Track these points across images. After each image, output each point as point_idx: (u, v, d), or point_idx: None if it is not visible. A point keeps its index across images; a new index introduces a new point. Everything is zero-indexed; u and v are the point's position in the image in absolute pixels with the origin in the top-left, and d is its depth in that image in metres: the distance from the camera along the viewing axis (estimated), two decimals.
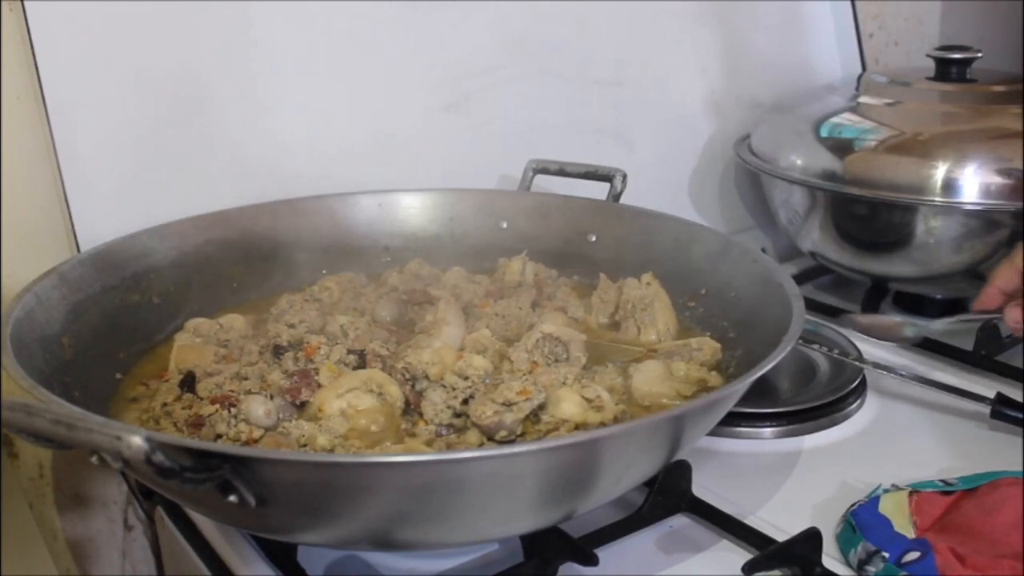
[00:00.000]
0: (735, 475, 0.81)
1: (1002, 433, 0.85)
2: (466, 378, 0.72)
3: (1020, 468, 0.77)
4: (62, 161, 0.88)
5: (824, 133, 1.07)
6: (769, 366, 0.64)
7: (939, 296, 1.10)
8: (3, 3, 0.86)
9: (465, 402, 0.71)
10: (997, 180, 0.97)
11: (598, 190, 0.98)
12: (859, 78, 1.20)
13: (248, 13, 0.96)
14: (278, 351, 0.77)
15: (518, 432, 0.68)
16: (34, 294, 0.74)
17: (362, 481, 0.55)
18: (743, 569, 0.67)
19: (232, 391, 0.72)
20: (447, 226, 1.00)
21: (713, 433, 0.80)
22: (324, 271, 0.95)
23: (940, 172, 0.98)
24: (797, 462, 0.83)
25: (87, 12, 0.88)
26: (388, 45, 1.05)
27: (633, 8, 1.18)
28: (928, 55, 1.14)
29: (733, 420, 0.85)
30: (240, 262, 0.93)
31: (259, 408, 0.69)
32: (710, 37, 1.25)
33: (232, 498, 0.54)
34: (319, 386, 0.73)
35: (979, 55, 1.11)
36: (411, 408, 0.72)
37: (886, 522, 0.69)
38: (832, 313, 1.10)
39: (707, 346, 0.80)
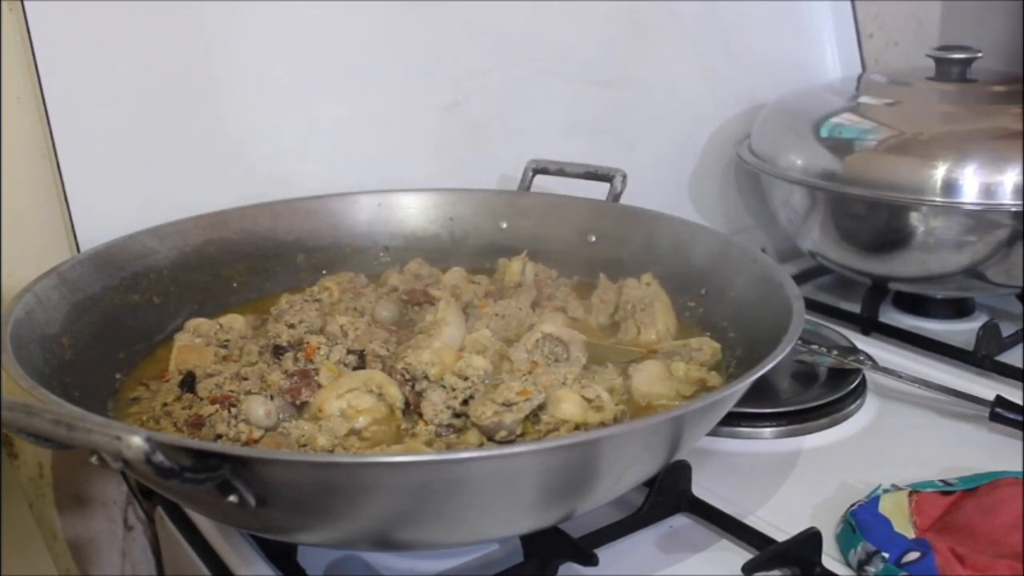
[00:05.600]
0: (735, 475, 0.81)
1: (1002, 434, 0.85)
2: (466, 378, 0.72)
3: (1020, 468, 0.77)
4: (62, 161, 0.88)
5: (824, 133, 1.07)
6: (769, 366, 0.64)
7: (939, 296, 1.11)
8: (3, 3, 0.86)
9: (465, 402, 0.71)
10: (997, 180, 0.97)
11: (598, 190, 0.98)
12: (859, 78, 1.20)
13: (248, 13, 0.96)
14: (278, 351, 0.77)
15: (518, 432, 0.68)
16: (34, 294, 0.74)
17: (362, 481, 0.55)
18: (743, 569, 0.67)
19: (232, 391, 0.72)
20: (447, 226, 1.00)
21: (713, 433, 0.80)
22: (324, 271, 0.95)
23: (940, 172, 0.98)
24: (797, 462, 0.83)
25: (87, 12, 0.88)
26: (388, 45, 1.05)
27: (633, 8, 1.18)
28: (928, 55, 1.14)
29: (733, 420, 0.85)
30: (240, 262, 0.93)
31: (259, 408, 0.69)
32: (710, 37, 1.25)
33: (232, 498, 0.54)
34: (319, 386, 0.73)
35: (979, 55, 1.11)
36: (411, 408, 0.72)
37: (886, 522, 0.69)
38: (832, 313, 1.10)
39: (707, 346, 0.80)
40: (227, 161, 0.97)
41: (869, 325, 1.07)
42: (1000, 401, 0.86)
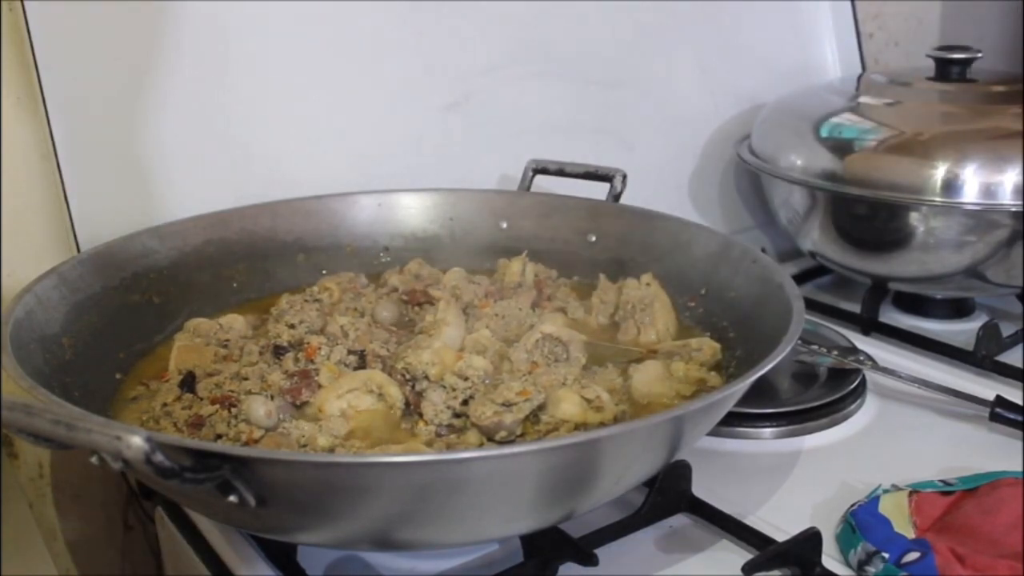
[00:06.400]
0: (735, 475, 0.81)
1: (1002, 434, 0.85)
2: (466, 378, 0.72)
3: (1020, 468, 0.77)
4: (62, 161, 0.88)
5: (824, 133, 1.07)
6: (769, 366, 0.64)
7: (939, 296, 1.11)
8: (3, 3, 0.86)
9: (465, 403, 0.71)
10: (997, 180, 0.97)
11: (598, 190, 0.98)
12: (859, 78, 1.20)
13: (248, 14, 0.96)
14: (278, 351, 0.77)
15: (518, 432, 0.68)
16: (34, 294, 0.74)
17: (362, 481, 0.55)
18: (743, 569, 0.67)
19: (232, 391, 0.72)
20: (447, 226, 1.00)
21: (713, 433, 0.80)
22: (324, 271, 0.95)
23: (940, 172, 0.98)
24: (797, 462, 0.83)
25: (87, 12, 0.88)
26: (388, 45, 1.05)
27: (633, 8, 1.18)
28: (928, 55, 1.14)
29: (733, 420, 0.85)
30: (240, 262, 0.93)
31: (259, 408, 0.69)
32: (710, 37, 1.25)
33: (232, 498, 0.54)
34: (319, 386, 0.73)
35: (979, 55, 1.11)
36: (411, 408, 0.72)
37: (886, 522, 0.69)
38: (832, 313, 1.10)
39: (707, 346, 0.80)
40: (227, 161, 0.97)
41: (869, 325, 1.07)
42: (1000, 401, 0.86)
